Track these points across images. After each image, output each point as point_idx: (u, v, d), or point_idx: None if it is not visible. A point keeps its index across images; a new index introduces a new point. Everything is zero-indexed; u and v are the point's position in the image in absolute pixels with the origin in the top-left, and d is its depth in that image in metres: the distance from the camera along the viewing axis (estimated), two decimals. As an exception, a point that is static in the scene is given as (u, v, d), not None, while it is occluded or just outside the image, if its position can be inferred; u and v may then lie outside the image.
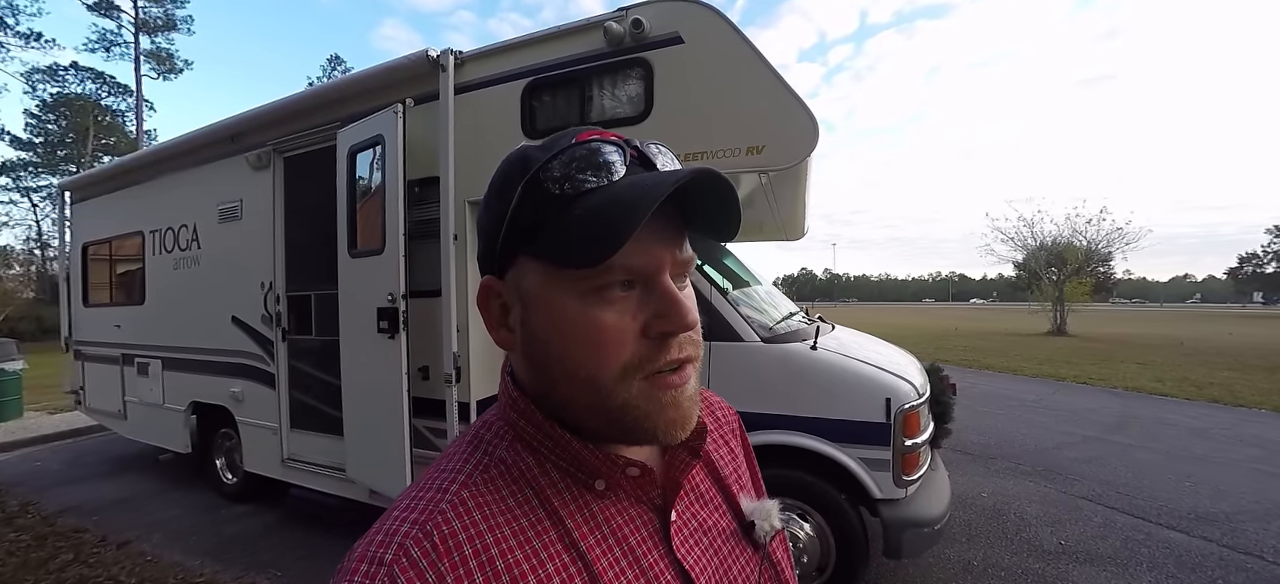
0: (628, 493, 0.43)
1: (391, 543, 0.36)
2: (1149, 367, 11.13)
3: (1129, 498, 3.98)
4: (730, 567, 0.47)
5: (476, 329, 2.73)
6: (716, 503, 0.50)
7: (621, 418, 0.39)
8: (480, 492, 0.39)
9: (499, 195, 0.40)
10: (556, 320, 0.39)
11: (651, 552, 0.42)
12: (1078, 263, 21.08)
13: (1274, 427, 6.27)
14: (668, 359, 0.38)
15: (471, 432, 0.45)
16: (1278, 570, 2.96)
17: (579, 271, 0.37)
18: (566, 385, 0.40)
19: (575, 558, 0.39)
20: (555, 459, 0.41)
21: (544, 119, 2.53)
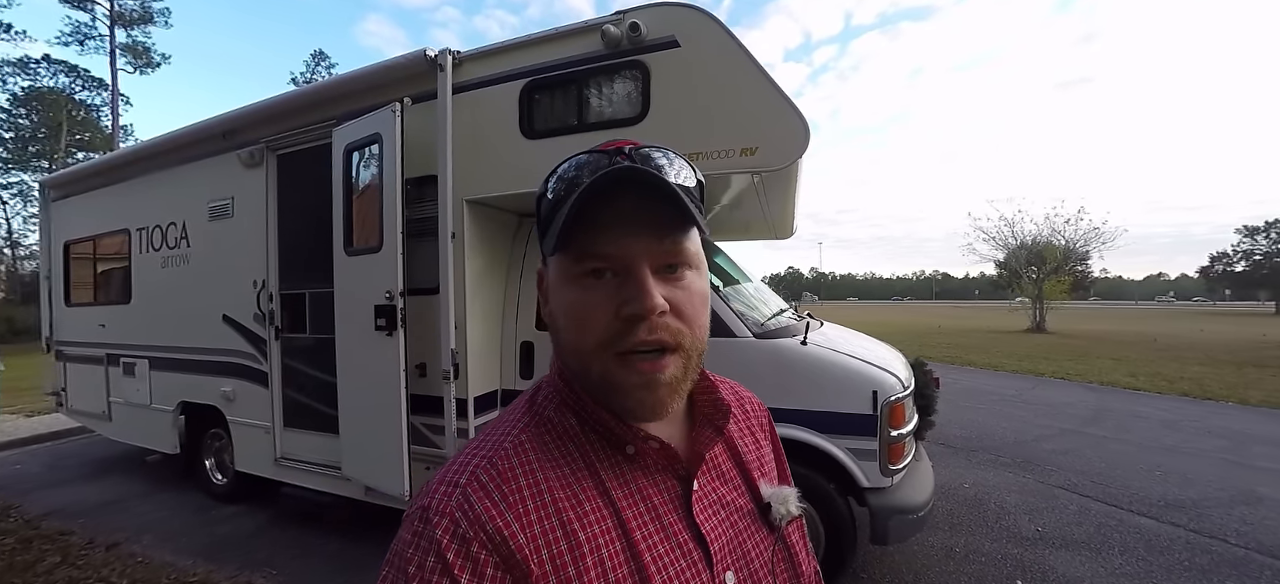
0: (654, 462, 0.48)
1: (465, 471, 0.44)
2: (1124, 362, 11.48)
3: (1103, 487, 4.14)
4: (744, 542, 0.51)
5: (474, 326, 2.76)
6: (736, 483, 0.55)
7: (600, 387, 0.46)
8: (533, 440, 0.47)
9: (536, 201, 0.50)
10: (557, 301, 0.47)
11: (672, 515, 0.47)
12: (1056, 262, 21.61)
13: (1240, 418, 6.53)
14: (636, 340, 0.43)
15: (527, 396, 0.53)
16: (1239, 552, 3.12)
17: (568, 260, 0.45)
18: (567, 357, 0.48)
19: (608, 505, 0.45)
20: (592, 423, 0.48)
21: (541, 119, 2.57)
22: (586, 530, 0.43)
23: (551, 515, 0.43)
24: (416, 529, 0.41)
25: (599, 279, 0.44)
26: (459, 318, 2.67)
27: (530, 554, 0.41)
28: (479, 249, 2.82)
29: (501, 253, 3.06)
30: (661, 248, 0.44)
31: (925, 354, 7.04)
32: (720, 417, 0.52)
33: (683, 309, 0.44)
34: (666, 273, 0.44)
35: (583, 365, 0.46)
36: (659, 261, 0.44)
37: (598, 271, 0.44)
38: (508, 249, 3.09)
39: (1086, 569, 2.93)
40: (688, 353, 0.45)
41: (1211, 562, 3.01)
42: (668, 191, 0.43)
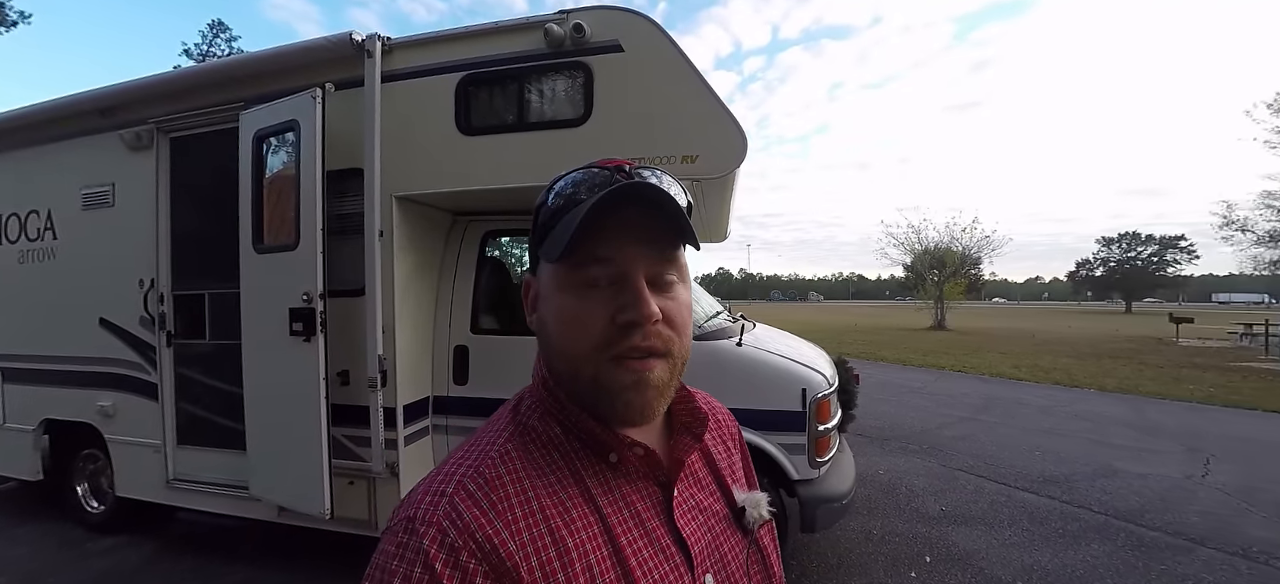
0: (636, 469, 0.49)
1: (451, 480, 0.44)
2: (1008, 356, 12.92)
3: (994, 467, 4.64)
4: (721, 545, 0.53)
5: (404, 330, 2.62)
6: (712, 489, 0.57)
7: (592, 391, 0.46)
8: (519, 450, 0.48)
9: (535, 210, 0.51)
10: (551, 306, 0.48)
11: (655, 520, 0.49)
12: (955, 265, 24.00)
13: (1100, 403, 7.57)
14: (630, 344, 0.45)
15: (510, 406, 0.53)
16: (1101, 519, 3.61)
17: (566, 268, 0.46)
18: (558, 362, 0.49)
19: (593, 512, 0.46)
20: (576, 432, 0.49)
21: (479, 116, 2.49)
22: (574, 538, 0.44)
23: (540, 523, 0.43)
24: (401, 540, 0.40)
25: (595, 287, 0.46)
26: (387, 322, 2.52)
27: (520, 562, 0.41)
28: (409, 248, 2.68)
29: (433, 253, 2.92)
30: (659, 260, 0.47)
31: (843, 351, 7.55)
32: (698, 425, 0.54)
33: (673, 318, 0.47)
34: (659, 283, 0.46)
35: (573, 369, 0.47)
36: (654, 272, 0.46)
37: (595, 280, 0.45)
38: (440, 249, 2.96)
39: (982, 542, 3.27)
40: (675, 359, 0.47)
41: (1080, 528, 3.47)
42: (672, 208, 0.45)
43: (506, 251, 3.66)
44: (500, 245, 3.49)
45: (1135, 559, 3.09)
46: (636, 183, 0.45)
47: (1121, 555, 3.13)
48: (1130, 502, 3.91)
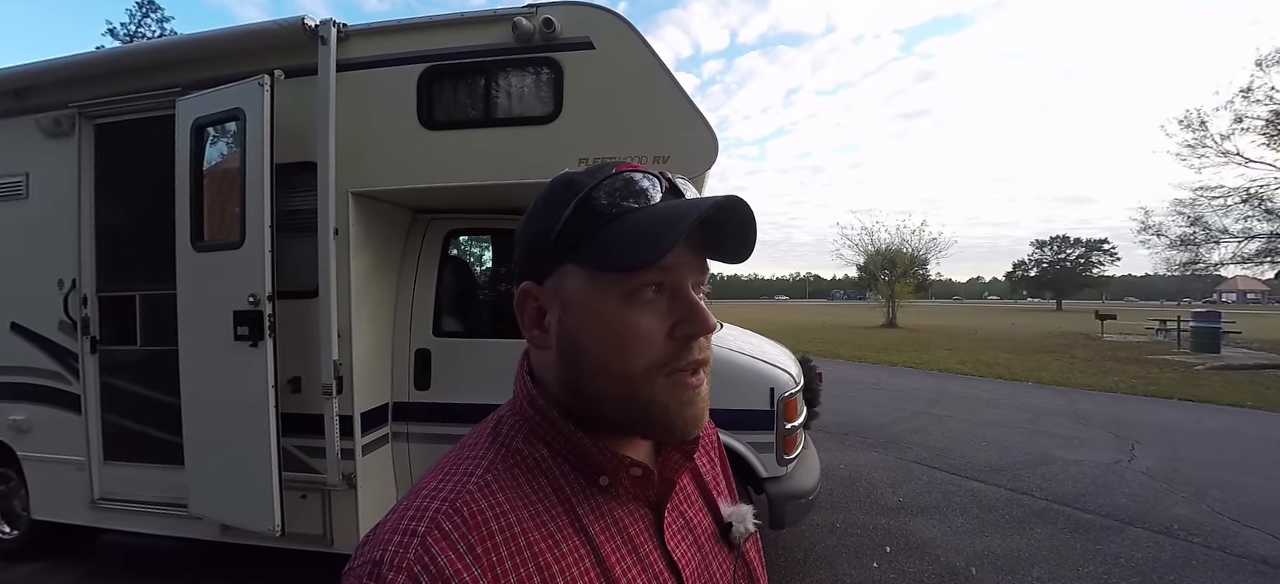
0: (628, 490, 0.47)
1: (423, 517, 0.39)
2: (955, 351, 13.62)
3: (945, 458, 4.87)
4: (710, 563, 0.52)
5: (362, 333, 2.49)
6: (699, 505, 0.55)
7: (646, 411, 0.43)
8: (502, 477, 0.43)
9: (546, 210, 0.44)
10: (595, 320, 0.43)
11: (647, 543, 0.46)
12: (905, 266, 25.16)
13: (1037, 395, 8.08)
14: (690, 359, 0.43)
15: (489, 425, 0.48)
16: (1042, 504, 3.85)
17: (618, 276, 0.41)
18: (599, 380, 0.43)
19: (584, 542, 0.43)
20: (566, 453, 0.45)
21: (443, 109, 2.39)
22: (565, 573, 0.40)
23: (527, 561, 0.39)
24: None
25: (645, 299, 0.42)
26: (343, 325, 2.39)
27: None
28: (367, 247, 2.55)
29: (393, 252, 2.79)
30: (701, 269, 0.45)
31: (803, 349, 7.76)
32: (691, 443, 0.51)
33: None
34: (697, 292, 0.45)
35: (624, 388, 0.42)
36: (695, 280, 0.45)
37: (644, 290, 0.42)
38: (400, 248, 2.83)
39: (937, 531, 3.42)
40: (709, 366, 0.46)
41: (1024, 514, 3.68)
42: (754, 230, 0.45)
43: (470, 252, 3.55)
44: (464, 245, 3.38)
45: (1073, 541, 3.31)
46: (737, 200, 0.42)
47: (1061, 538, 3.34)
48: (1067, 487, 4.18)
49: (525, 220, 0.47)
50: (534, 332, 0.46)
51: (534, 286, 0.45)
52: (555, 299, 0.44)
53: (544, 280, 0.45)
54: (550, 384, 0.47)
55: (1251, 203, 17.60)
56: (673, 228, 0.40)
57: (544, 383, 0.47)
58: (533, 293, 0.46)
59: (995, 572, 2.95)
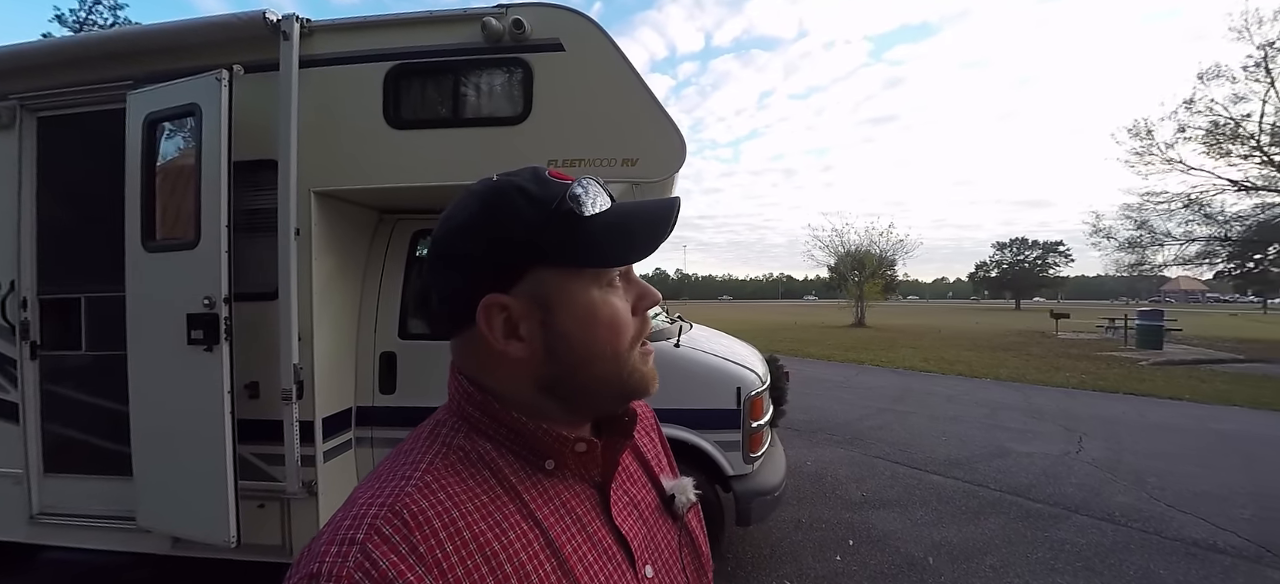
0: (573, 471, 0.49)
1: (361, 524, 0.38)
2: (919, 350, 14.07)
3: (907, 453, 5.04)
4: (655, 535, 0.54)
5: (324, 337, 2.44)
6: (642, 481, 0.58)
7: (630, 381, 0.49)
8: (443, 475, 0.44)
9: (497, 218, 0.45)
10: (585, 314, 0.46)
11: (595, 521, 0.49)
12: (873, 267, 25.84)
13: (995, 391, 8.42)
14: (649, 329, 0.51)
15: (426, 428, 0.49)
16: (996, 495, 4.02)
17: (597, 271, 0.47)
18: (594, 366, 0.47)
19: (533, 526, 0.44)
20: (509, 444, 0.47)
21: (411, 108, 2.36)
22: (514, 560, 0.42)
23: (474, 554, 0.40)
24: None
25: (617, 285, 0.49)
26: (304, 328, 2.33)
27: None
28: (329, 248, 2.49)
29: (357, 253, 2.74)
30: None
31: (774, 349, 7.89)
32: (630, 421, 0.54)
33: None
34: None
35: (614, 370, 0.48)
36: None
37: (613, 280, 0.48)
38: (366, 249, 2.78)
39: (898, 523, 3.54)
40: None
41: (979, 505, 3.84)
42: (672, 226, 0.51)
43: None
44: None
45: (1024, 529, 3.47)
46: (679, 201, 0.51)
47: (1013, 527, 3.50)
48: (1020, 478, 4.38)
49: (461, 232, 0.46)
50: (509, 343, 0.46)
51: (502, 298, 0.45)
52: (531, 304, 0.45)
53: (509, 289, 0.45)
54: (516, 390, 0.48)
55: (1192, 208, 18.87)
56: (660, 225, 0.47)
57: (493, 388, 0.48)
58: (502, 304, 0.45)
59: (951, 561, 3.07)
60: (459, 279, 0.47)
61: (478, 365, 0.49)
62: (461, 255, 0.46)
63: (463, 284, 0.46)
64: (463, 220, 0.46)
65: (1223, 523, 3.57)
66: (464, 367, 0.50)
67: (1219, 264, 20.86)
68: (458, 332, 0.49)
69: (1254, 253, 19.81)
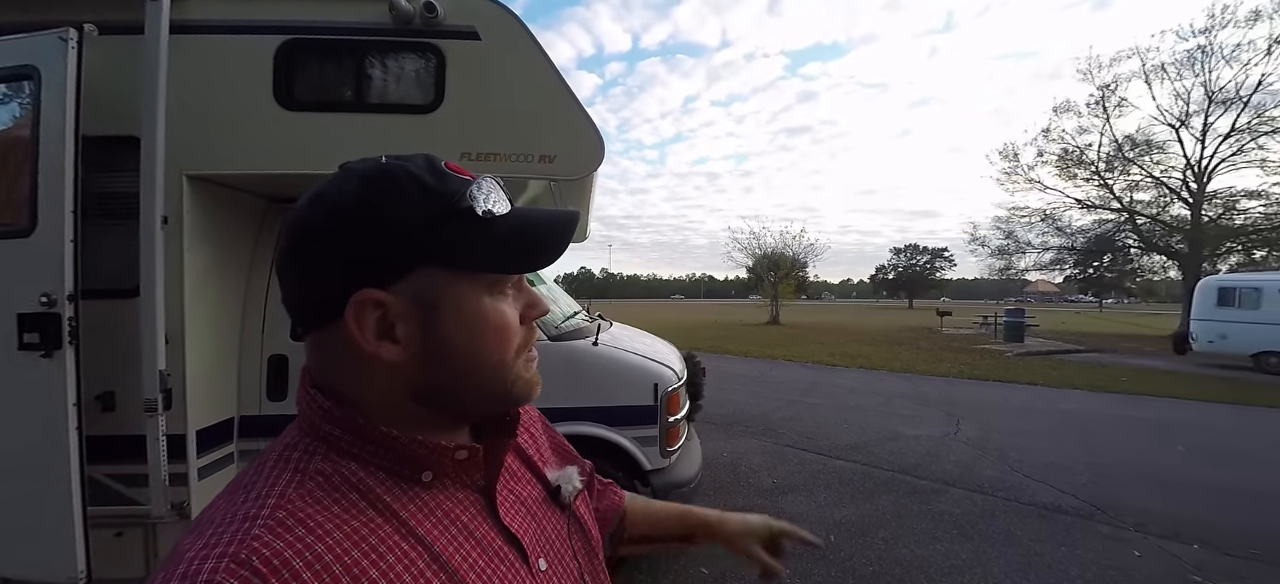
0: (453, 479, 0.47)
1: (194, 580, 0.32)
2: (826, 345, 15.13)
3: (814, 441, 5.41)
4: (545, 528, 0.54)
5: (198, 338, 2.17)
6: (526, 477, 0.57)
7: (512, 390, 0.48)
8: (300, 507, 0.38)
9: (382, 209, 0.41)
10: (471, 318, 0.44)
11: (483, 525, 0.47)
12: (787, 268, 27.49)
13: (890, 381, 9.26)
14: (535, 338, 0.50)
15: (273, 454, 0.43)
16: (888, 474, 4.43)
17: (493, 276, 0.45)
18: (477, 375, 0.45)
19: (415, 544, 0.41)
20: (379, 460, 0.43)
21: (306, 89, 2.16)
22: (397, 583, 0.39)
23: None
24: None
25: (507, 292, 0.47)
26: (173, 329, 2.06)
27: None
28: (205, 239, 2.23)
29: (241, 245, 2.47)
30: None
31: (695, 347, 8.14)
32: (512, 421, 0.54)
33: None
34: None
35: (500, 375, 0.46)
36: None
37: (506, 284, 0.47)
38: (252, 241, 2.52)
39: (805, 506, 3.80)
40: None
41: (874, 485, 4.21)
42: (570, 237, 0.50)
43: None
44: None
45: (911, 503, 3.85)
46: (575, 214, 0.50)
47: (902, 502, 3.88)
48: (908, 459, 4.86)
49: (341, 218, 0.41)
50: (382, 345, 0.42)
51: (378, 294, 0.41)
52: (413, 305, 0.42)
53: (389, 286, 0.42)
54: (384, 398, 0.44)
55: (1047, 221, 22.29)
56: (563, 234, 0.47)
57: (356, 398, 0.44)
58: (378, 301, 0.41)
59: (850, 537, 3.34)
60: (326, 268, 0.42)
61: (338, 371, 0.44)
62: (332, 241, 0.41)
63: (330, 275, 0.42)
64: (337, 202, 0.42)
65: (1065, 488, 4.18)
66: (320, 375, 0.45)
67: (1068, 269, 24.62)
68: (315, 330, 0.44)
69: (1093, 261, 23.49)
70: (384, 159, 0.43)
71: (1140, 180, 19.89)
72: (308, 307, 0.44)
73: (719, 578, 2.90)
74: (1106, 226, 21.64)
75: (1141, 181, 19.90)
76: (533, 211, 0.48)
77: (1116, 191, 20.11)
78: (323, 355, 0.45)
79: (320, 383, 0.45)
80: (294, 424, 0.46)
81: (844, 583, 2.85)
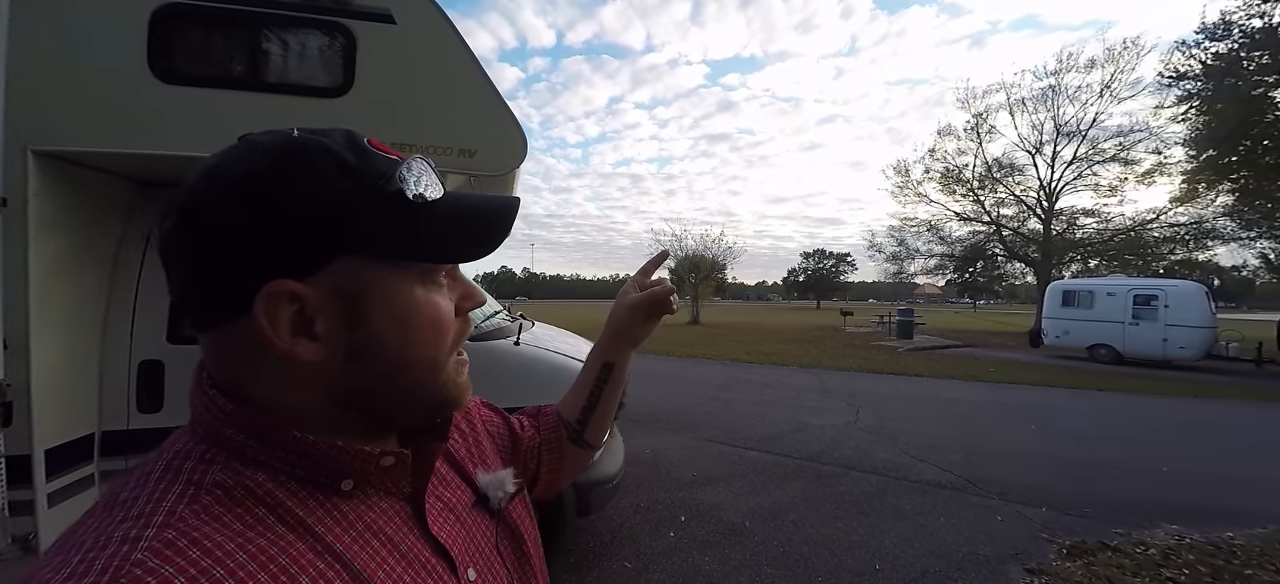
0: (376, 487, 0.43)
1: None
2: (743, 343, 15.89)
3: (731, 434, 5.67)
4: (474, 535, 0.51)
5: (47, 342, 1.88)
6: (455, 482, 0.54)
7: (444, 392, 0.45)
8: (193, 526, 0.33)
9: (296, 189, 0.37)
10: (402, 312, 0.40)
11: (408, 536, 0.43)
12: (707, 270, 28.53)
13: (799, 376, 9.91)
14: (468, 331, 0.47)
15: (156, 466, 0.37)
16: (797, 462, 4.76)
17: (426, 266, 0.42)
18: (407, 374, 0.41)
19: (332, 562, 0.37)
20: (290, 469, 0.38)
21: (189, 59, 1.93)
22: None
23: None
24: None
25: (442, 283, 0.44)
26: (13, 332, 1.76)
27: None
28: (57, 226, 1.92)
29: (103, 235, 2.16)
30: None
31: (620, 346, 8.21)
32: (444, 425, 0.50)
33: None
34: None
35: (432, 375, 0.43)
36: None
37: (440, 275, 0.44)
38: (118, 229, 2.21)
39: (723, 496, 3.98)
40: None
41: (785, 473, 4.50)
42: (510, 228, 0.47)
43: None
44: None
45: (817, 487, 4.17)
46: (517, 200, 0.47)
47: (810, 487, 4.18)
48: (815, 447, 5.24)
49: (246, 198, 0.36)
50: (299, 343, 0.37)
51: (293, 285, 0.36)
52: (334, 297, 0.38)
53: (306, 276, 0.37)
54: (298, 400, 0.40)
55: (932, 231, 25.11)
56: (504, 221, 0.44)
57: (263, 400, 0.39)
58: (294, 294, 0.37)
59: (763, 522, 3.55)
60: (228, 258, 0.36)
61: (243, 371, 0.39)
62: (234, 226, 0.36)
63: (234, 265, 0.36)
64: (240, 180, 0.36)
65: (944, 466, 4.72)
66: (221, 373, 0.39)
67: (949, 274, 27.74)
68: (215, 326, 0.38)
69: (968, 266, 26.67)
70: (295, 132, 0.38)
71: (1005, 198, 23.08)
72: (204, 302, 0.38)
73: (643, 569, 2.97)
74: (979, 237, 24.70)
75: (1006, 199, 23.10)
76: (469, 196, 0.45)
77: (987, 207, 23.15)
78: (223, 354, 0.39)
79: (220, 383, 0.39)
80: (184, 429, 0.40)
81: (758, 565, 3.03)
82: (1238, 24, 14.08)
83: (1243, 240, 18.22)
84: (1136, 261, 19.82)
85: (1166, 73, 16.12)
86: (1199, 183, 17.06)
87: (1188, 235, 19.16)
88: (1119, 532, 3.46)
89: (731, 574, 2.93)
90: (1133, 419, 6.87)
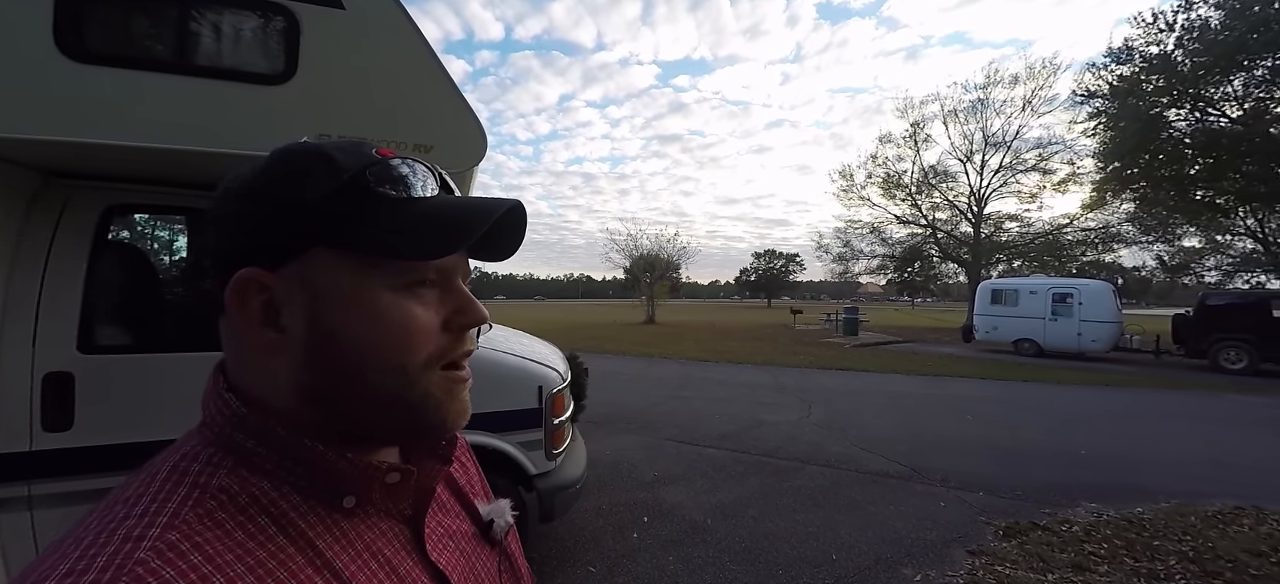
0: (378, 507, 0.42)
1: None
2: (699, 342, 16.11)
3: (690, 433, 5.72)
4: (474, 565, 0.50)
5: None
6: (457, 510, 0.53)
7: (421, 409, 0.41)
8: (196, 530, 0.33)
9: (282, 183, 0.38)
10: (366, 312, 0.38)
11: (407, 561, 0.43)
12: (662, 270, 28.78)
13: (753, 373, 10.15)
14: (463, 351, 0.43)
15: (166, 466, 0.37)
16: (754, 458, 4.86)
17: (399, 266, 0.39)
18: (369, 378, 0.39)
19: (330, 580, 0.37)
20: (295, 479, 0.38)
21: (104, 40, 1.74)
22: None
23: None
24: None
25: (422, 288, 0.41)
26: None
27: None
28: (-59, 221, 1.69)
29: (2, 232, 1.91)
30: (467, 263, 0.45)
31: (574, 346, 8.14)
32: (447, 446, 0.50)
33: None
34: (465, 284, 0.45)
35: (398, 387, 0.39)
36: (464, 274, 0.44)
37: (423, 280, 0.41)
38: (17, 224, 1.96)
39: (684, 495, 4.00)
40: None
41: (743, 469, 4.59)
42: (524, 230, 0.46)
43: (148, 236, 2.67)
44: (137, 226, 2.53)
45: (774, 482, 4.27)
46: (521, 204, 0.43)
47: (767, 482, 4.28)
48: (770, 443, 5.38)
49: (239, 195, 0.39)
50: (264, 332, 0.38)
51: (262, 274, 0.37)
52: (300, 289, 0.38)
53: (277, 267, 0.38)
54: (278, 397, 0.39)
55: (875, 233, 26.39)
56: (478, 219, 0.40)
57: (261, 399, 0.39)
58: (261, 282, 0.37)
59: (724, 518, 3.60)
60: (222, 248, 0.39)
61: (234, 364, 0.41)
62: (229, 218, 0.39)
63: (226, 255, 0.39)
64: (246, 177, 0.39)
65: (891, 457, 4.95)
66: (234, 374, 0.41)
67: (889, 274, 29.21)
68: (217, 318, 0.41)
69: (907, 267, 28.18)
70: (308, 139, 0.41)
71: (940, 202, 24.58)
72: (212, 294, 0.40)
73: (608, 572, 2.94)
74: (917, 239, 26.20)
75: (940, 203, 24.61)
76: (458, 198, 0.43)
77: (924, 211, 24.58)
78: (228, 350, 0.41)
79: (236, 384, 0.40)
80: (194, 430, 0.40)
81: (720, 560, 3.07)
82: (1138, 50, 15.65)
83: (1142, 243, 20.54)
84: (1054, 262, 21.68)
85: (1079, 91, 17.71)
86: (1106, 192, 18.89)
87: (1097, 239, 21.24)
88: (1047, 511, 3.75)
89: (696, 573, 2.94)
90: (1054, 407, 7.47)
